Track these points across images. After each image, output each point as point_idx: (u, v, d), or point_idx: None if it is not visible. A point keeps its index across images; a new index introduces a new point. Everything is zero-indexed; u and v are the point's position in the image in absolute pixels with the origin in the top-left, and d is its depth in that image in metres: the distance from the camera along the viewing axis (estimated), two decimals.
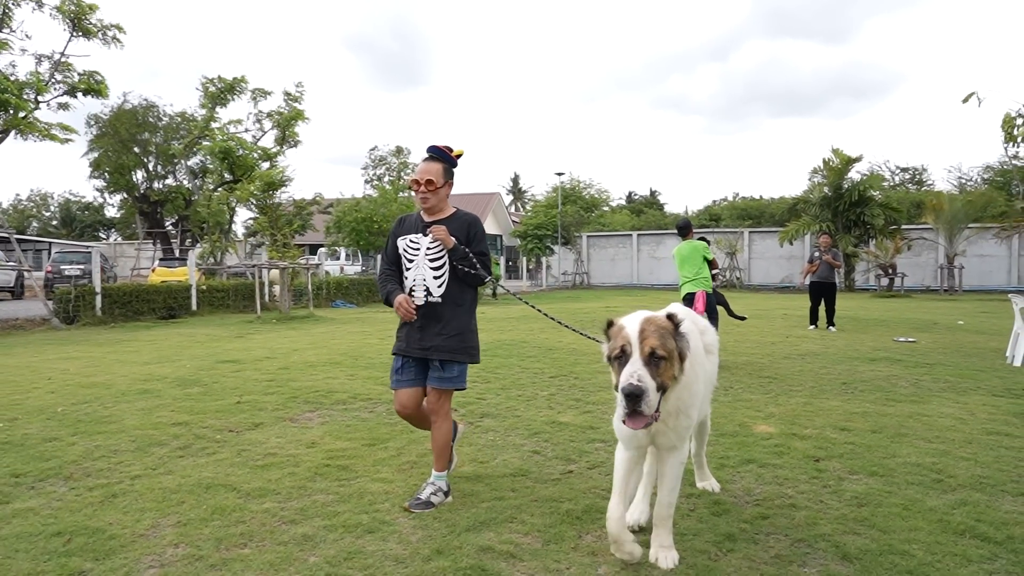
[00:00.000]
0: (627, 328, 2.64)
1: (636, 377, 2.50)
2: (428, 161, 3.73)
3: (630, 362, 2.57)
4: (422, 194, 3.69)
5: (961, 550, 3.00)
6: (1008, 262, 28.07)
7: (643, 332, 2.60)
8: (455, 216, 3.80)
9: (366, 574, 2.82)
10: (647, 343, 2.58)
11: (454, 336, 3.63)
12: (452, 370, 3.64)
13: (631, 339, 2.60)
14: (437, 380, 3.63)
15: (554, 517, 3.40)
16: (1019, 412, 5.63)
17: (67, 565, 2.87)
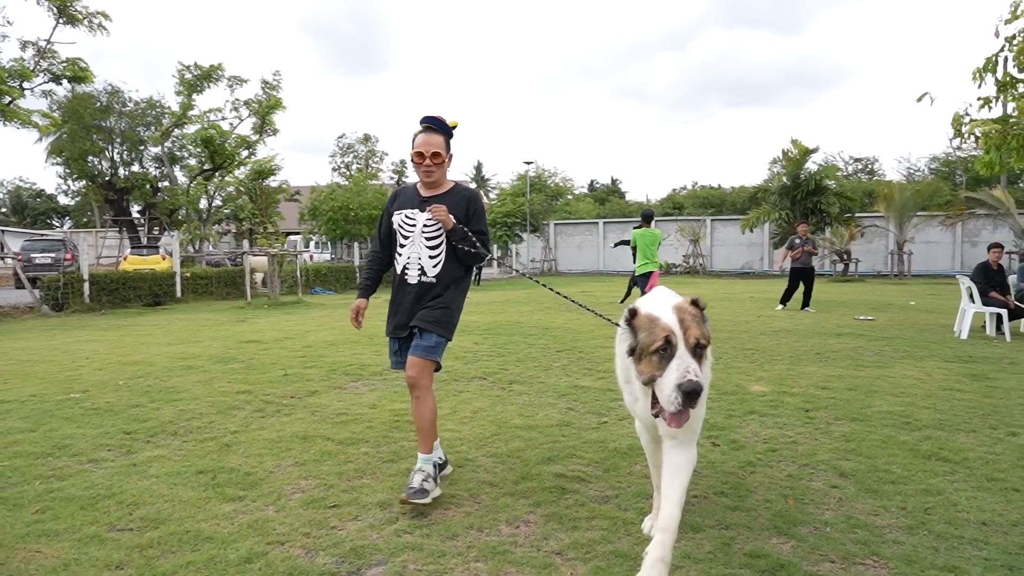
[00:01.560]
0: (664, 318, 2.43)
1: (693, 372, 2.32)
2: (429, 133, 3.53)
3: (678, 356, 2.37)
4: (427, 168, 3.52)
5: (929, 468, 3.85)
6: (952, 248, 29.80)
7: (683, 322, 2.42)
8: (454, 191, 3.63)
9: (472, 494, 3.53)
10: (690, 333, 2.40)
11: (439, 308, 3.51)
12: (430, 338, 3.48)
13: (674, 330, 2.40)
14: (414, 348, 3.50)
15: (605, 453, 4.15)
16: (967, 374, 6.59)
17: (224, 493, 3.52)
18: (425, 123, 3.55)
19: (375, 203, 28.45)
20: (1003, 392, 5.77)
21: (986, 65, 10.77)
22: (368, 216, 27.97)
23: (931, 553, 2.83)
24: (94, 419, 5.01)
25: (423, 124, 3.56)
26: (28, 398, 5.74)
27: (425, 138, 3.52)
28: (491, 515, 3.25)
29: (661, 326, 2.43)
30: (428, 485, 3.35)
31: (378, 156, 46.62)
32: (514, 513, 3.27)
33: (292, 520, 3.17)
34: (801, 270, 13.75)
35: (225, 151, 21.55)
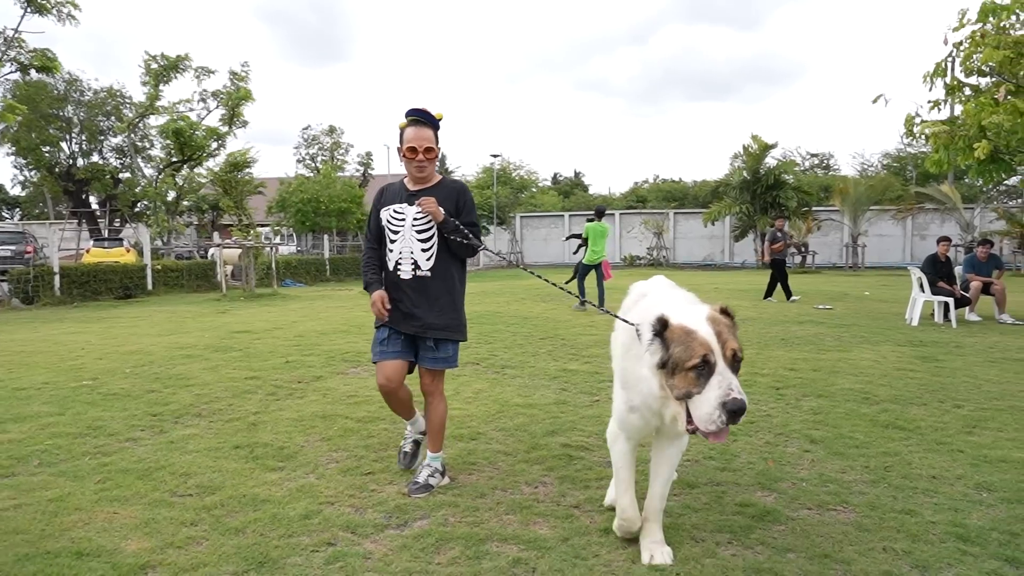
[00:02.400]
0: (700, 332, 2.33)
1: (737, 390, 2.25)
2: (419, 127, 3.46)
3: (718, 372, 2.28)
4: (419, 163, 3.44)
5: (887, 435, 4.39)
6: (903, 241, 31.08)
7: (720, 335, 2.33)
8: (442, 184, 3.57)
9: (490, 461, 3.95)
10: (728, 347, 2.32)
11: (448, 313, 3.49)
12: (447, 349, 3.51)
13: (712, 346, 2.30)
14: (432, 361, 3.50)
15: (602, 426, 4.58)
16: (918, 356, 7.21)
17: (265, 464, 3.87)
18: (413, 116, 3.47)
19: (344, 196, 28.51)
20: (950, 372, 6.39)
21: (936, 70, 11.51)
22: (338, 209, 28.03)
23: (891, 500, 3.33)
24: (116, 403, 5.28)
25: (410, 118, 3.47)
26: (42, 385, 5.96)
27: (416, 132, 3.43)
28: (511, 478, 3.66)
29: (699, 341, 2.32)
30: (434, 480, 3.50)
31: (343, 148, 46.47)
32: (531, 476, 3.69)
33: (334, 485, 3.54)
34: (781, 262, 14.47)
35: (195, 143, 21.44)
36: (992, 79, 11.41)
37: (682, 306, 2.57)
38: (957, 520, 3.08)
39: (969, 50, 11.44)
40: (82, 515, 3.13)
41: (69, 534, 2.93)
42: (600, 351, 7.52)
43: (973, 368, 6.57)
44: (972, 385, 5.82)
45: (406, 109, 3.52)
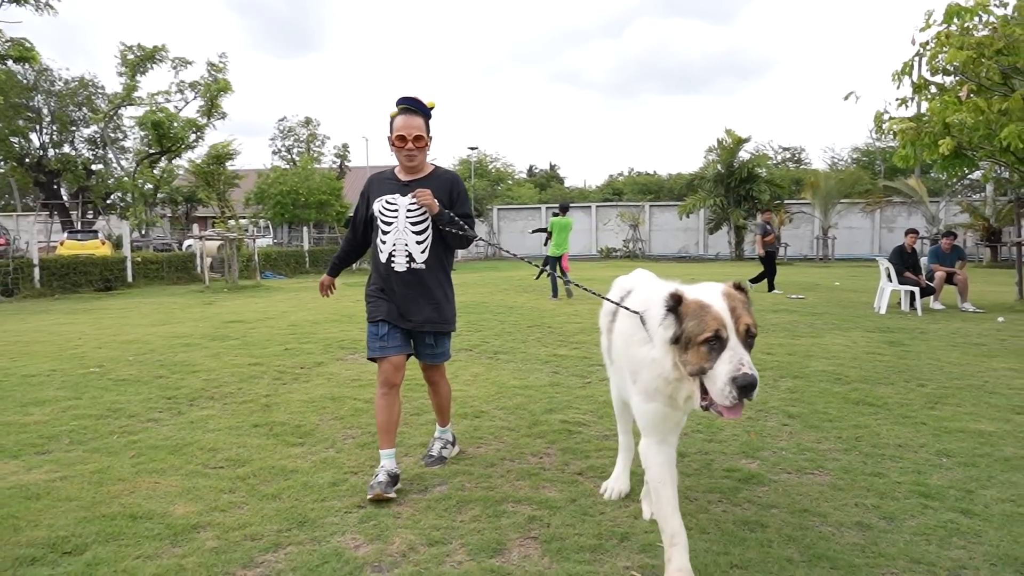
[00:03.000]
0: (714, 306, 2.31)
1: (748, 365, 2.23)
2: (409, 115, 3.41)
3: (729, 348, 2.26)
4: (409, 152, 3.41)
5: (857, 410, 4.77)
6: (872, 233, 31.92)
7: (734, 311, 2.31)
8: (435, 175, 3.54)
9: (495, 436, 4.25)
10: (742, 322, 2.30)
11: (443, 307, 3.52)
12: (444, 343, 3.59)
13: (725, 321, 2.28)
14: (431, 356, 3.58)
15: (595, 405, 4.93)
16: (886, 341, 7.66)
17: (286, 440, 4.14)
18: (403, 105, 3.42)
19: (323, 188, 28.51)
20: (915, 355, 6.83)
21: (903, 69, 11.99)
22: (317, 201, 28.02)
23: (861, 465, 3.70)
24: (128, 388, 5.49)
25: (400, 106, 3.43)
26: (50, 372, 6.14)
27: (405, 120, 3.39)
28: (517, 450, 3.97)
29: (712, 315, 2.29)
30: (447, 452, 3.75)
31: (320, 140, 46.30)
32: (535, 448, 4.01)
33: (354, 458, 3.82)
34: (773, 254, 14.92)
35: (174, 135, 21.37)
36: (956, 78, 11.93)
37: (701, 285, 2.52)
38: (919, 481, 3.45)
39: (935, 50, 11.94)
40: (126, 485, 3.38)
41: (118, 501, 3.18)
42: (587, 338, 7.85)
43: (936, 352, 7.02)
44: (935, 367, 6.25)
45: (397, 97, 3.45)
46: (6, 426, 4.41)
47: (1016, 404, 4.91)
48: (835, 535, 2.86)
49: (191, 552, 2.68)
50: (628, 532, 2.90)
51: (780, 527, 2.94)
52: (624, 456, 3.42)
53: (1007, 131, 10.06)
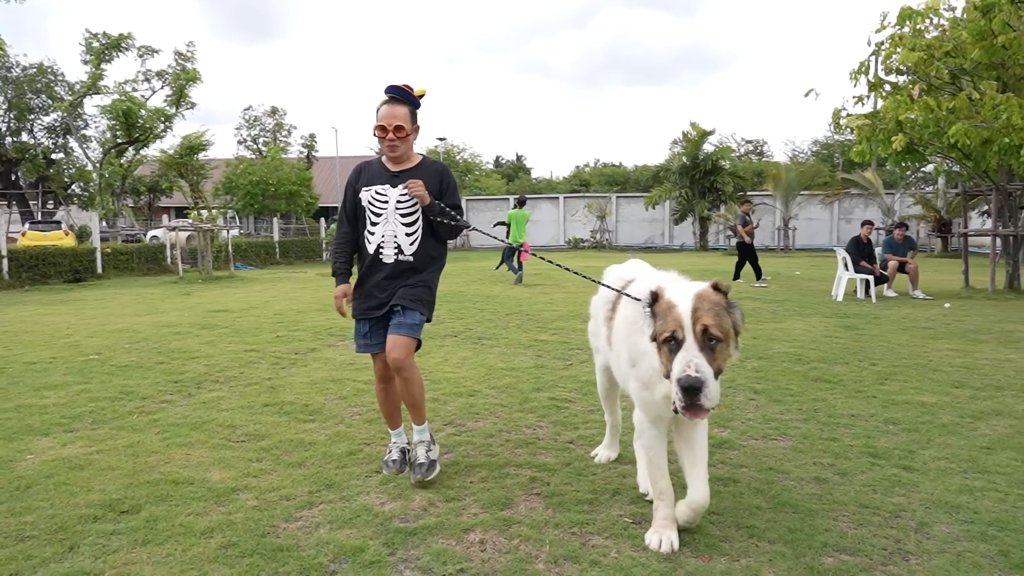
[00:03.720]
0: (678, 307, 2.34)
1: (694, 367, 2.24)
2: (392, 104, 3.37)
3: (684, 348, 2.29)
4: (390, 142, 3.36)
5: (816, 387, 5.27)
6: (830, 224, 32.94)
7: (696, 311, 2.32)
8: (424, 165, 3.50)
9: (490, 412, 4.63)
10: (700, 323, 2.30)
11: (419, 287, 3.42)
12: (413, 316, 3.38)
13: (683, 321, 2.30)
14: (397, 326, 3.35)
15: (578, 384, 5.35)
16: (842, 325, 8.23)
17: (297, 418, 4.47)
18: (388, 93, 3.39)
19: (292, 178, 28.51)
20: (868, 338, 7.39)
21: (860, 68, 12.63)
22: (287, 192, 28.02)
23: (819, 431, 4.18)
24: (134, 373, 5.75)
25: (387, 94, 3.40)
26: (51, 360, 6.35)
27: (388, 110, 3.35)
28: (511, 423, 4.37)
29: (673, 316, 2.33)
30: (433, 454, 3.44)
31: (286, 129, 45.97)
32: (528, 421, 4.40)
33: (364, 432, 4.17)
34: (751, 244, 15.43)
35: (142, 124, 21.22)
36: (908, 78, 12.60)
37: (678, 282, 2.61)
38: (869, 444, 3.93)
39: (889, 51, 12.60)
40: (160, 456, 3.69)
41: (157, 469, 3.50)
42: (564, 324, 8.27)
43: (887, 335, 7.60)
44: (886, 348, 6.81)
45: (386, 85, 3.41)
46: (27, 408, 4.66)
47: (955, 379, 5.46)
48: (796, 487, 3.31)
49: (235, 510, 3.01)
50: (619, 488, 3.31)
51: (749, 482, 3.38)
52: (611, 431, 3.75)
53: (954, 129, 10.72)
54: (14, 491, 3.21)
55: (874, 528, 2.87)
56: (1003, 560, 2.59)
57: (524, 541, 2.76)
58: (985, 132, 10.85)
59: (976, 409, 4.63)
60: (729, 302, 2.48)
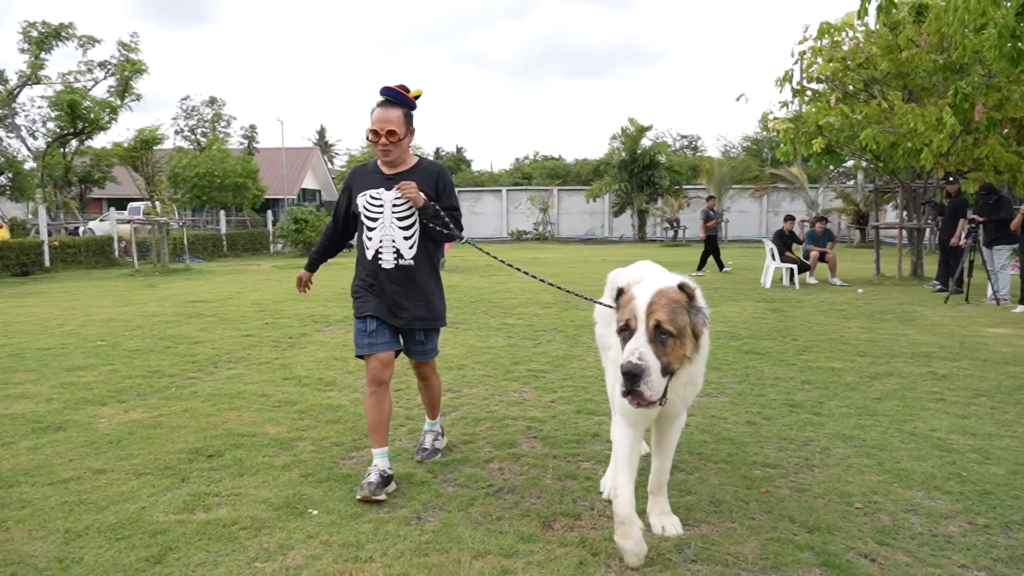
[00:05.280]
0: (636, 300, 2.45)
1: (636, 355, 2.34)
2: (385, 107, 3.30)
3: (633, 338, 2.40)
4: (383, 147, 3.30)
5: (747, 358, 6.30)
6: (760, 216, 34.82)
7: (651, 305, 2.41)
8: (420, 167, 3.46)
9: (479, 380, 5.47)
10: (653, 317, 2.39)
11: (434, 304, 3.48)
12: (433, 340, 3.58)
13: (637, 313, 2.42)
14: (421, 354, 3.57)
15: (550, 359, 6.23)
16: (769, 308, 9.38)
17: (317, 388, 5.21)
18: (382, 95, 3.34)
19: (239, 171, 28.52)
20: (791, 319, 8.54)
21: (784, 76, 13.89)
22: (233, 184, 28.03)
23: (750, 390, 5.18)
24: (149, 356, 6.35)
25: (381, 96, 3.34)
26: (61, 346, 6.86)
27: (381, 114, 3.28)
28: (500, 389, 5.22)
29: (629, 308, 2.45)
30: (439, 443, 3.81)
31: (225, 120, 45.35)
32: (514, 387, 5.27)
33: None
34: (714, 237, 16.51)
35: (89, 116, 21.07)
36: (826, 86, 13.95)
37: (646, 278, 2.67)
38: (789, 398, 4.95)
39: (810, 61, 13.91)
40: (216, 418, 4.41)
41: (220, 427, 4.22)
42: (526, 310, 9.17)
43: (807, 316, 8.77)
44: (805, 326, 7.95)
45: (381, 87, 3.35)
46: (70, 385, 5.26)
47: (860, 350, 6.59)
48: (733, 428, 4.28)
49: (299, 453, 3.79)
50: (597, 432, 4.21)
51: (698, 425, 4.33)
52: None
53: (865, 133, 12.06)
54: (109, 444, 3.90)
55: (790, 452, 3.85)
56: (879, 468, 3.60)
57: (532, 467, 3.63)
58: (892, 136, 12.25)
59: (873, 372, 5.73)
60: (692, 303, 2.55)
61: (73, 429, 4.19)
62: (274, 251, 25.87)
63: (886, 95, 13.05)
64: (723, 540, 2.82)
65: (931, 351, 6.55)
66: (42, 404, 4.73)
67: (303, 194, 42.31)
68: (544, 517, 3.02)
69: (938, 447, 3.89)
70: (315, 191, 46.89)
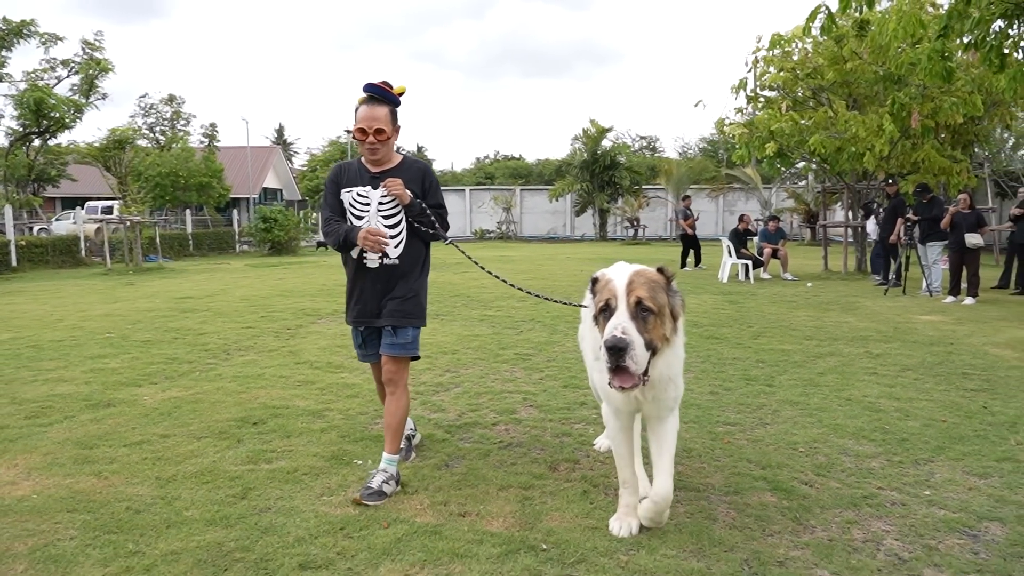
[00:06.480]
0: (614, 281, 2.49)
1: (620, 329, 2.35)
2: (371, 105, 3.26)
3: (615, 315, 2.42)
4: (370, 146, 3.27)
5: (708, 342, 7.07)
6: (716, 215, 36.08)
7: (631, 284, 2.46)
8: (405, 165, 3.43)
9: (472, 363, 6.10)
10: (633, 294, 2.43)
11: (409, 299, 3.36)
12: (406, 335, 3.37)
13: (617, 291, 2.44)
14: (390, 347, 3.35)
15: (533, 344, 6.90)
16: (727, 301, 10.21)
17: (329, 371, 5.78)
18: (366, 92, 3.29)
19: (204, 170, 28.55)
20: (747, 309, 9.37)
21: (739, 84, 14.79)
22: (198, 183, 28.05)
23: (711, 368, 5.92)
24: (162, 346, 6.83)
25: (365, 93, 3.30)
26: (72, 339, 7.28)
27: (367, 112, 3.25)
28: (494, 368, 5.87)
29: (608, 289, 2.48)
30: (388, 488, 3.23)
31: (184, 118, 44.97)
32: (504, 368, 5.92)
33: None
34: (693, 235, 17.22)
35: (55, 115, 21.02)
36: (778, 94, 14.92)
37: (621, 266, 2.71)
38: (746, 373, 5.70)
39: (763, 70, 14.86)
40: (248, 395, 4.96)
41: (255, 401, 4.78)
42: (503, 303, 9.82)
43: (761, 306, 9.62)
44: (759, 316, 8.77)
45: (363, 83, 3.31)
46: (99, 371, 5.74)
47: (807, 335, 7.42)
48: (698, 397, 5.00)
49: (332, 420, 4.38)
50: (584, 402, 4.89)
51: None
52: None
53: (814, 139, 13.01)
54: (161, 416, 4.45)
55: (747, 414, 4.59)
56: (819, 424, 4.35)
57: (532, 428, 4.29)
58: (838, 141, 13.23)
59: (818, 352, 6.54)
60: (670, 285, 2.62)
61: (122, 405, 4.70)
62: (240, 250, 26.01)
63: (832, 103, 14.05)
64: (696, 475, 3.52)
65: (868, 335, 7.41)
66: (83, 386, 5.22)
67: (265, 193, 42.25)
68: (550, 463, 3.69)
69: (868, 408, 4.67)
70: (277, 190, 46.80)
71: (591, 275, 2.76)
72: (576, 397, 5.01)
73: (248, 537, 2.80)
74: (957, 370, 5.81)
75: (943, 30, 7.69)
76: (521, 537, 2.82)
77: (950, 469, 3.58)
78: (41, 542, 2.75)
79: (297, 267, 17.73)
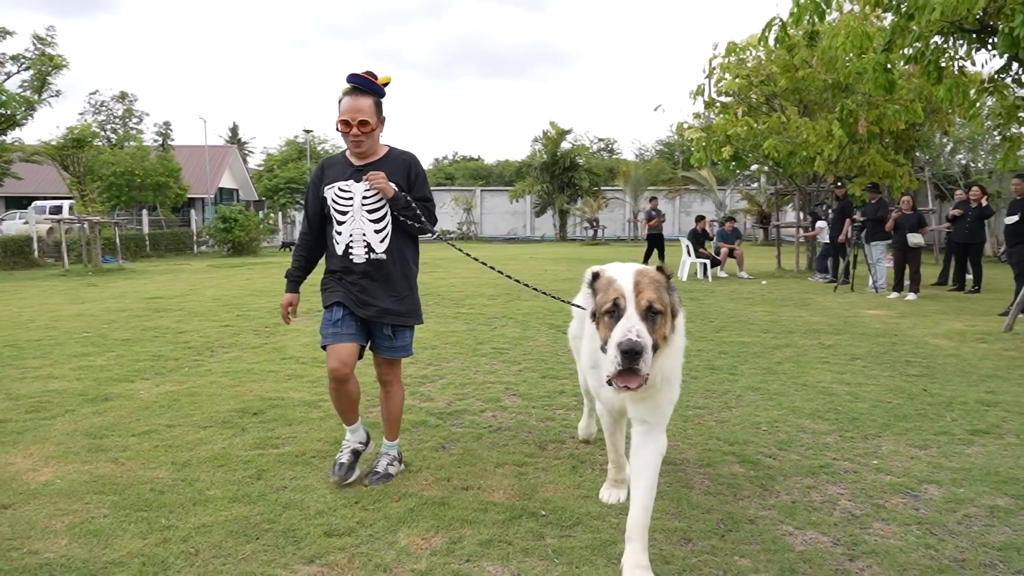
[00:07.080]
0: (619, 280, 2.46)
1: (635, 332, 2.31)
2: (355, 96, 3.20)
3: (625, 317, 2.38)
4: (355, 138, 3.20)
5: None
6: (673, 216, 36.88)
7: (638, 284, 2.43)
8: (390, 157, 3.35)
9: (453, 356, 6.39)
10: (643, 296, 2.41)
11: (405, 298, 3.36)
12: (405, 337, 3.40)
13: (625, 292, 2.41)
14: (390, 350, 3.38)
15: (509, 339, 7.21)
16: (688, 298, 10.68)
17: (315, 366, 6.00)
18: (350, 83, 3.23)
19: (161, 170, 28.12)
20: (707, 305, 9.84)
21: (697, 90, 15.35)
22: (154, 183, 27.62)
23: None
24: (144, 344, 6.95)
25: (349, 83, 3.23)
26: (49, 338, 7.33)
27: (351, 103, 3.18)
28: (473, 362, 6.16)
29: (614, 288, 2.44)
30: (393, 468, 3.44)
31: (137, 116, 44.14)
32: (484, 361, 6.22)
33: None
34: (656, 236, 17.55)
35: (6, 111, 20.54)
36: (734, 100, 15.52)
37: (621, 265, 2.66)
38: (709, 364, 6.11)
39: (719, 76, 15.43)
40: (241, 388, 5.16)
41: (250, 393, 4.99)
42: (475, 301, 10.11)
43: (720, 303, 10.10)
44: (719, 311, 9.24)
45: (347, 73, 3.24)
46: (87, 368, 5.86)
47: (764, 328, 7.89)
48: None
49: (327, 410, 4.62)
50: (563, 391, 5.22)
51: None
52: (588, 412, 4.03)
53: (767, 143, 13.62)
54: (161, 408, 4.63)
55: (713, 398, 4.98)
56: (778, 407, 4.76)
57: (518, 414, 4.61)
58: (790, 146, 13.86)
59: (775, 344, 7.00)
60: (670, 284, 2.59)
61: (119, 400, 4.87)
62: (199, 251, 25.73)
63: (784, 109, 14.70)
64: (672, 451, 3.88)
65: (820, 328, 7.93)
66: (75, 383, 5.34)
67: (221, 193, 41.67)
68: (538, 443, 4.01)
69: (822, 393, 5.11)
70: (233, 190, 46.16)
71: (589, 270, 2.69)
72: (556, 387, 5.34)
73: (271, 511, 3.05)
74: (900, 358, 6.32)
75: (887, 44, 8.26)
76: (521, 505, 3.13)
77: (895, 442, 4.02)
78: (77, 520, 2.96)
79: (261, 267, 17.73)
